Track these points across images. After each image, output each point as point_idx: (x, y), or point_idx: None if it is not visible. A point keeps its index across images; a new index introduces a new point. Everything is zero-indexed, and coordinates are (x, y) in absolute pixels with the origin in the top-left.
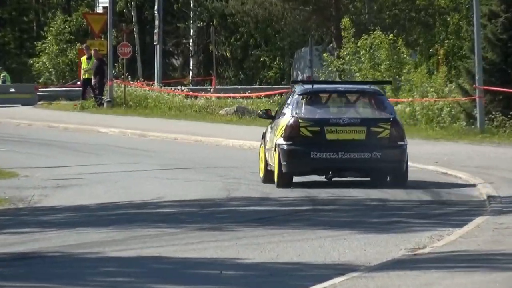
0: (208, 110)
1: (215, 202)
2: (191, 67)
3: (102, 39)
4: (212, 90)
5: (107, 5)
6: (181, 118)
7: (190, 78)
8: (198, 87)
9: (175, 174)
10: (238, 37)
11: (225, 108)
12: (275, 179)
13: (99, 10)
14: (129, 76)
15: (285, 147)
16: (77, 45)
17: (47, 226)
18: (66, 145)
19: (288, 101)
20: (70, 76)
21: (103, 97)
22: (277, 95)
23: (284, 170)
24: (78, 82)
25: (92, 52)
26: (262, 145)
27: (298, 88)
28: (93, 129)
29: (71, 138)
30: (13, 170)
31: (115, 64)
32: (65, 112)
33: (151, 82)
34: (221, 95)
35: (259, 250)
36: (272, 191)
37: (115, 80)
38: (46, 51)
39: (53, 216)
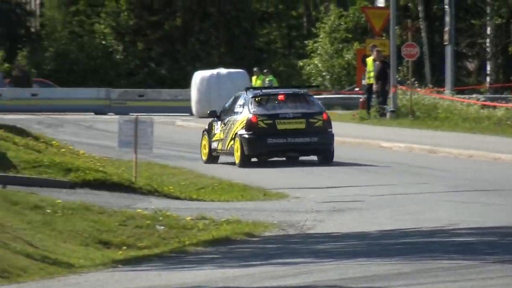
0: (508, 122)
1: None
2: (488, 72)
3: (384, 38)
4: None
5: None
6: (477, 132)
7: (487, 84)
8: (496, 95)
9: (471, 197)
10: None
11: None
12: (237, 161)
13: (380, 3)
14: (416, 82)
15: (246, 136)
16: (354, 44)
17: (323, 256)
18: (343, 162)
19: (240, 103)
20: (346, 81)
21: (386, 106)
22: None
23: (246, 153)
24: (356, 89)
25: (374, 53)
26: (206, 136)
27: (249, 93)
28: (374, 144)
29: (348, 154)
30: (282, 191)
31: (399, 68)
32: (341, 123)
33: (441, 89)
34: None
35: None
36: None
37: (399, 86)
38: (319, 52)
39: (329, 244)
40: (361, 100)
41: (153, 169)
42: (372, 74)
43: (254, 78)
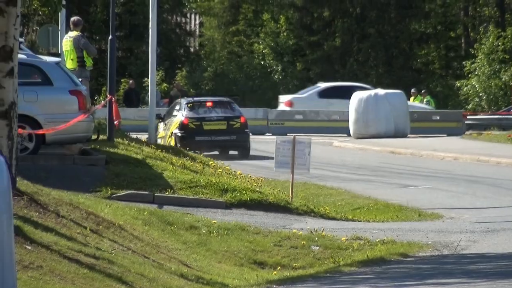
0: None
1: None
2: None
3: None
4: None
5: None
6: None
7: None
8: None
9: None
10: None
11: None
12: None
13: None
14: None
15: (179, 134)
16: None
17: (476, 277)
18: (497, 183)
19: (177, 108)
20: (503, 102)
21: None
22: None
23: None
24: None
25: None
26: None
27: (184, 100)
28: None
29: (504, 175)
30: (437, 211)
31: None
32: (497, 144)
33: None
34: None
35: None
36: None
37: None
38: (476, 73)
39: (483, 264)
40: None
41: (309, 189)
42: None
43: (412, 98)
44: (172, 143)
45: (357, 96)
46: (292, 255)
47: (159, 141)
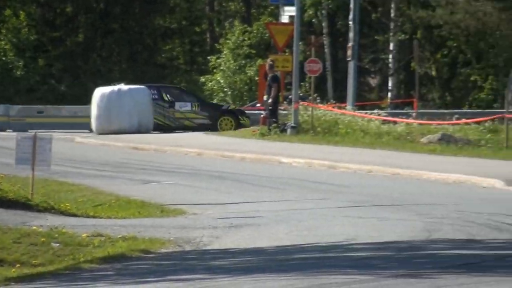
0: (408, 137)
1: (413, 244)
2: (389, 88)
3: (287, 54)
4: (414, 114)
5: (293, 13)
6: (377, 147)
7: (389, 100)
8: (397, 111)
9: (369, 213)
10: (445, 52)
11: (428, 136)
12: None
13: (284, 19)
14: (318, 98)
15: None
16: (258, 60)
17: (218, 272)
18: (242, 178)
19: None
20: (248, 97)
21: (273, 120)
22: (488, 122)
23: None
24: (258, 104)
25: (266, 66)
26: None
27: None
28: (274, 159)
29: (248, 170)
30: (180, 207)
31: (301, 84)
32: (242, 139)
33: (343, 105)
34: (424, 122)
35: None
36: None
37: (301, 102)
38: (221, 68)
39: (225, 260)
40: (262, 116)
41: (50, 186)
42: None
43: None
44: None
45: (99, 91)
46: (32, 252)
47: None
